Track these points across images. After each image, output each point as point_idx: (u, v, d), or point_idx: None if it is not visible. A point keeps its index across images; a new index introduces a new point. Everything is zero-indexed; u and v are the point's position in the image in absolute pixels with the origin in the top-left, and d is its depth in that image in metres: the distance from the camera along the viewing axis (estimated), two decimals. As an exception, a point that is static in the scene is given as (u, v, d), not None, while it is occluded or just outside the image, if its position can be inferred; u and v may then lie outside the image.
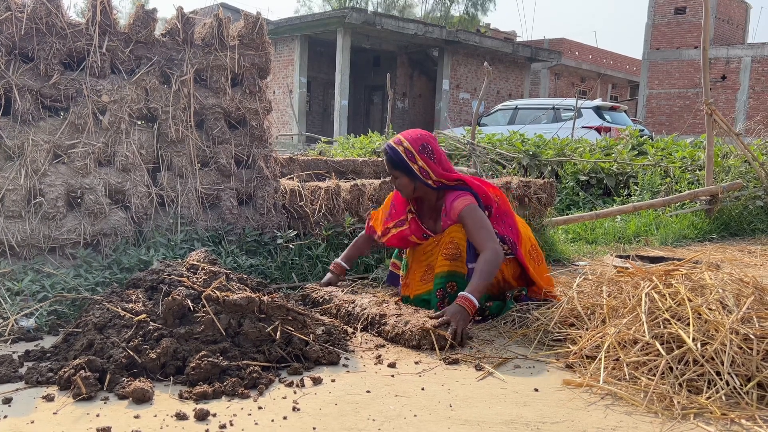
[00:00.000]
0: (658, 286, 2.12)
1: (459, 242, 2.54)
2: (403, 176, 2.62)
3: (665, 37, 25.52)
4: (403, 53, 22.77)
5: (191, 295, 2.10)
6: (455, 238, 2.54)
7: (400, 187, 2.68)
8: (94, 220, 2.94)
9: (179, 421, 1.62)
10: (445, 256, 2.54)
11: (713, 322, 1.90)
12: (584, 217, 4.73)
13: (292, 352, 2.05)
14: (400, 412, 1.72)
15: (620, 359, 1.93)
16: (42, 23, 2.89)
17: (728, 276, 2.14)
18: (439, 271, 2.55)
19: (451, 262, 2.53)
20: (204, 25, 3.39)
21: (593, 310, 2.32)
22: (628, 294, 2.21)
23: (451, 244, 2.54)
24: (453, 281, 2.53)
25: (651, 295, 2.09)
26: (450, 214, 2.61)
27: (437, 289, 2.54)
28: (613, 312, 2.20)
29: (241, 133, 3.44)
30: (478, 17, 31.81)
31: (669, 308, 2.00)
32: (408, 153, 2.59)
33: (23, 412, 1.66)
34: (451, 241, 2.55)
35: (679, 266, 2.28)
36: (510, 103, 14.66)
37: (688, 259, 2.44)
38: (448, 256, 2.54)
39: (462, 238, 2.54)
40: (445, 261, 2.54)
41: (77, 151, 2.94)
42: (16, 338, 2.24)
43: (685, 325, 1.92)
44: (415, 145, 2.60)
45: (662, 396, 1.77)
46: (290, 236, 3.30)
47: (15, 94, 2.83)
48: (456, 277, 2.53)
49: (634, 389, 1.83)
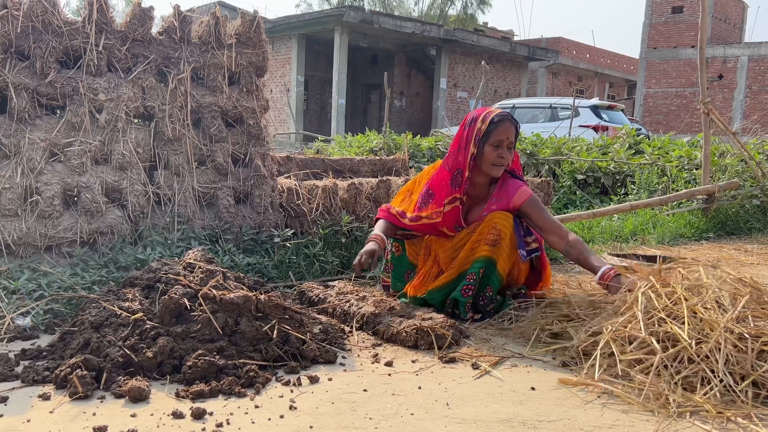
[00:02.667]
0: (655, 285, 2.13)
1: (502, 229, 2.53)
2: (512, 151, 2.63)
3: (662, 36, 25.56)
4: (400, 52, 22.77)
5: (188, 294, 2.10)
6: (498, 225, 2.54)
7: (507, 161, 2.61)
8: (90, 218, 2.94)
9: (176, 419, 1.62)
10: (486, 242, 2.53)
11: (708, 320, 1.90)
12: (581, 216, 4.73)
13: (289, 351, 2.05)
14: (397, 411, 1.72)
15: (616, 357, 1.94)
16: (38, 21, 2.88)
17: (725, 275, 2.15)
18: (480, 255, 2.53)
19: (491, 248, 2.53)
20: (201, 23, 3.38)
21: (590, 309, 2.33)
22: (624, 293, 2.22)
23: (493, 230, 2.54)
24: (485, 267, 2.53)
25: (647, 294, 2.10)
26: (511, 200, 2.62)
27: (471, 272, 2.52)
28: (611, 310, 2.20)
29: (238, 131, 3.43)
30: (476, 17, 31.80)
31: (665, 307, 2.01)
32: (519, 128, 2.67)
33: (19, 411, 1.66)
34: (493, 227, 2.54)
35: (676, 266, 2.28)
36: (507, 102, 14.68)
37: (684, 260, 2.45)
38: (489, 242, 2.53)
39: (506, 225, 2.54)
40: (486, 246, 2.53)
41: (74, 150, 2.93)
42: (12, 337, 2.23)
43: (681, 324, 1.93)
44: None
45: (658, 394, 1.77)
46: (287, 235, 3.30)
47: (11, 92, 2.83)
48: (489, 263, 2.53)
49: (629, 387, 1.83)
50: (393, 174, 4.89)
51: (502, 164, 2.60)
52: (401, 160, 5.22)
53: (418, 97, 23.88)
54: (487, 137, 2.57)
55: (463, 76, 22.63)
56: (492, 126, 2.56)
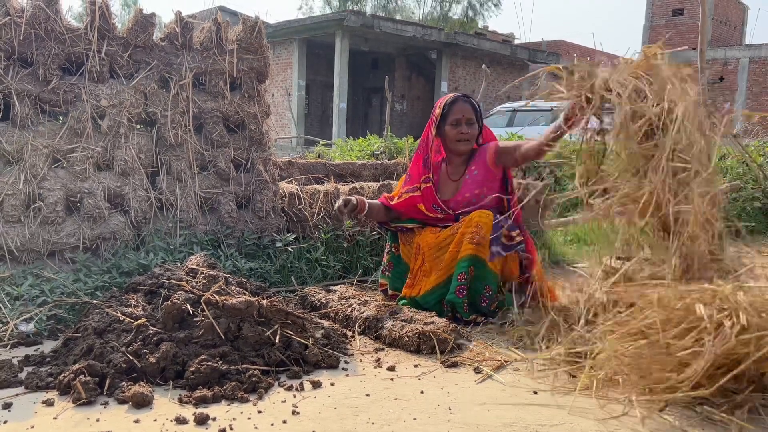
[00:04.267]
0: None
1: (483, 226, 2.61)
2: (475, 125, 2.84)
3: (663, 38, 25.56)
4: (401, 56, 22.80)
5: (190, 299, 2.10)
6: (480, 223, 2.61)
7: (471, 135, 2.84)
8: (93, 224, 2.94)
9: (179, 425, 1.63)
10: (469, 240, 2.60)
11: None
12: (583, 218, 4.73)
13: (291, 356, 2.06)
14: (400, 416, 1.72)
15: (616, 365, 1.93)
16: (41, 28, 2.90)
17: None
18: (465, 254, 2.59)
19: (475, 246, 2.59)
20: (202, 29, 3.39)
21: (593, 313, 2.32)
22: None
23: (476, 229, 2.61)
24: (473, 265, 2.58)
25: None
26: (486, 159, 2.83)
27: (460, 273, 2.58)
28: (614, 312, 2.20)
29: (239, 136, 3.44)
30: (477, 20, 31.82)
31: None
32: (479, 106, 2.89)
33: (23, 417, 1.66)
34: (476, 225, 2.61)
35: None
36: (508, 105, 14.68)
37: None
38: (472, 241, 2.59)
39: (486, 222, 2.62)
40: (470, 245, 2.59)
41: (76, 156, 2.94)
42: (15, 343, 2.24)
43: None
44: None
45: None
46: (289, 239, 3.31)
47: (14, 98, 2.84)
48: (477, 261, 2.59)
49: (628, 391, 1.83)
50: (394, 178, 4.89)
51: (466, 138, 2.83)
52: (403, 164, 5.22)
53: (419, 101, 23.90)
54: (445, 119, 2.84)
55: (463, 79, 22.64)
56: (446, 108, 2.84)
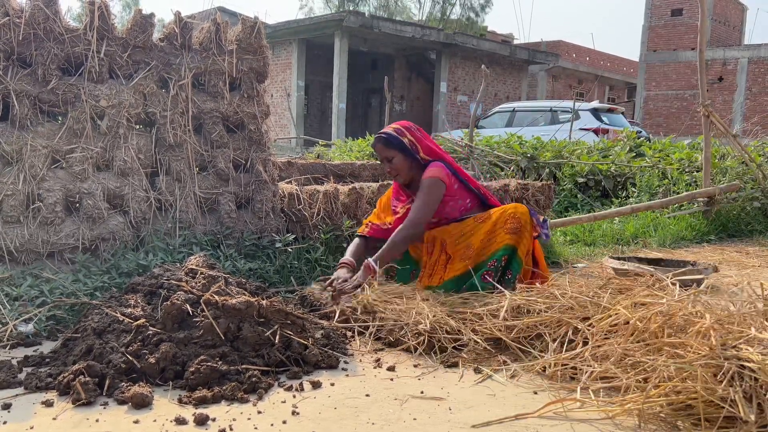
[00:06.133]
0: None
1: (521, 217, 2.68)
2: (398, 154, 2.88)
3: (662, 39, 25.57)
4: (400, 56, 22.81)
5: (190, 300, 2.10)
6: (516, 213, 2.69)
7: (397, 168, 2.89)
8: (92, 224, 2.94)
9: (179, 425, 1.63)
10: (507, 231, 2.67)
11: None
12: (582, 219, 4.74)
13: (291, 356, 2.05)
14: (400, 416, 1.72)
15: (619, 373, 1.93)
16: (40, 29, 2.89)
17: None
18: (502, 244, 2.67)
19: (512, 236, 2.66)
20: (202, 29, 3.39)
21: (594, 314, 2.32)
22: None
23: (512, 219, 2.68)
24: (507, 254, 2.67)
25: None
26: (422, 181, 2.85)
27: (492, 260, 2.66)
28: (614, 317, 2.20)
29: (239, 137, 3.44)
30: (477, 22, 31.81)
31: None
32: (397, 130, 2.92)
33: (23, 418, 1.66)
34: (512, 216, 2.68)
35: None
36: (507, 105, 14.70)
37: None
38: (510, 230, 2.66)
39: (524, 212, 2.70)
40: (507, 235, 2.67)
41: (75, 156, 2.94)
42: (14, 343, 2.23)
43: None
44: (403, 125, 2.97)
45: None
46: (289, 240, 3.31)
47: (13, 99, 2.84)
48: (512, 250, 2.67)
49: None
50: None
51: (394, 174, 2.95)
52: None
53: (418, 101, 23.91)
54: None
55: (463, 79, 22.66)
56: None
